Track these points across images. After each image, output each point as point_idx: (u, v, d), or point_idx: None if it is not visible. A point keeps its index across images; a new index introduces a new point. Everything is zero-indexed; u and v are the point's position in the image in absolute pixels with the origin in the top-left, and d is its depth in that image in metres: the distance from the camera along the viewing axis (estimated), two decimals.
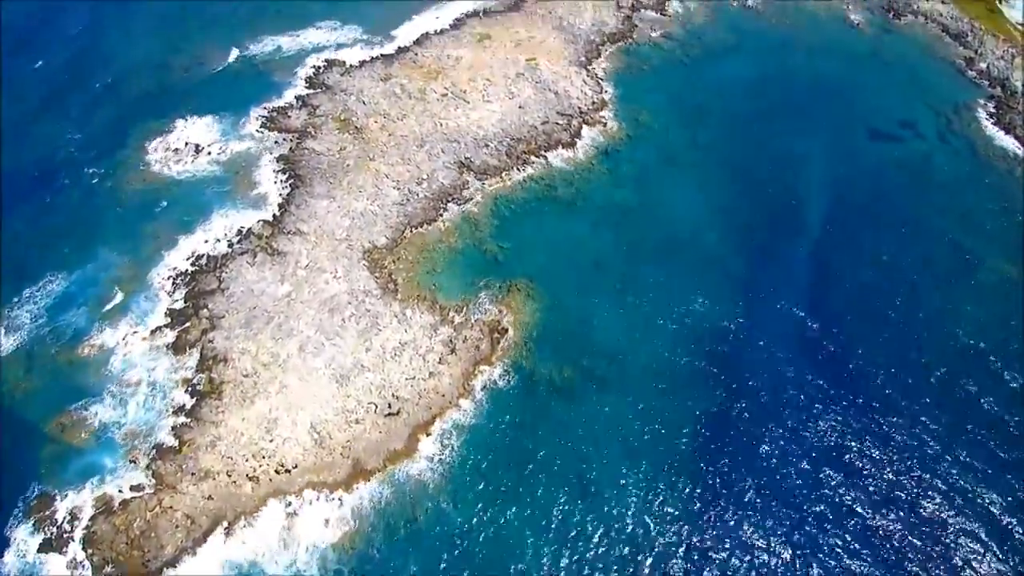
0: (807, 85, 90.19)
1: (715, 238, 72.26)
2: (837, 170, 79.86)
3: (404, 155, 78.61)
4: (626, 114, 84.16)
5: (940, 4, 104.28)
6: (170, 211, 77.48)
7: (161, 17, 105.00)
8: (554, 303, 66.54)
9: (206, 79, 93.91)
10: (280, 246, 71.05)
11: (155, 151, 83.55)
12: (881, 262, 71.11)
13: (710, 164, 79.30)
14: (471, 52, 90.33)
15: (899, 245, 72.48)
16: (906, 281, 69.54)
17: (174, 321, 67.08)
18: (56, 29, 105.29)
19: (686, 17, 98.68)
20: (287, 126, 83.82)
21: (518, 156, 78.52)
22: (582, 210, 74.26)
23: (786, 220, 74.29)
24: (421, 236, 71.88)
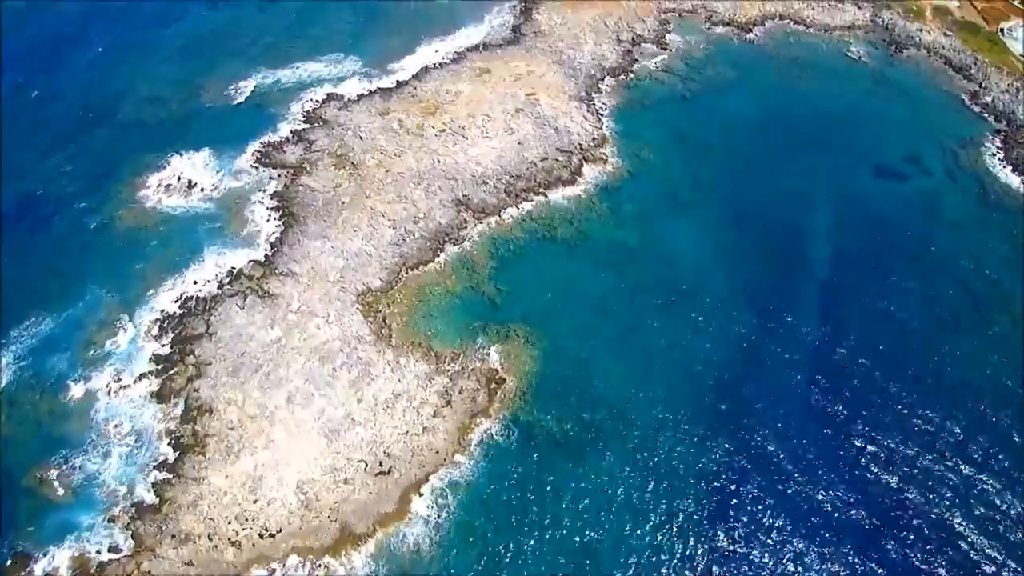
0: (810, 120, 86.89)
1: (720, 282, 68.47)
2: (842, 209, 76.26)
3: (401, 192, 75.11)
4: (627, 150, 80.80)
5: (942, 36, 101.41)
6: (160, 249, 73.89)
7: (159, 48, 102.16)
8: (554, 350, 62.64)
9: (203, 111, 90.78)
10: (271, 288, 67.28)
11: (148, 186, 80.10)
12: (889, 309, 67.16)
13: (713, 203, 75.76)
14: (470, 87, 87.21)
15: (908, 291, 68.56)
16: (916, 330, 65.52)
17: (159, 367, 63.18)
18: (53, 59, 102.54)
19: (686, 51, 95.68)
20: (282, 162, 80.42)
21: (517, 194, 75.01)
22: (583, 251, 70.59)
23: (792, 263, 70.52)
24: (417, 278, 68.13)
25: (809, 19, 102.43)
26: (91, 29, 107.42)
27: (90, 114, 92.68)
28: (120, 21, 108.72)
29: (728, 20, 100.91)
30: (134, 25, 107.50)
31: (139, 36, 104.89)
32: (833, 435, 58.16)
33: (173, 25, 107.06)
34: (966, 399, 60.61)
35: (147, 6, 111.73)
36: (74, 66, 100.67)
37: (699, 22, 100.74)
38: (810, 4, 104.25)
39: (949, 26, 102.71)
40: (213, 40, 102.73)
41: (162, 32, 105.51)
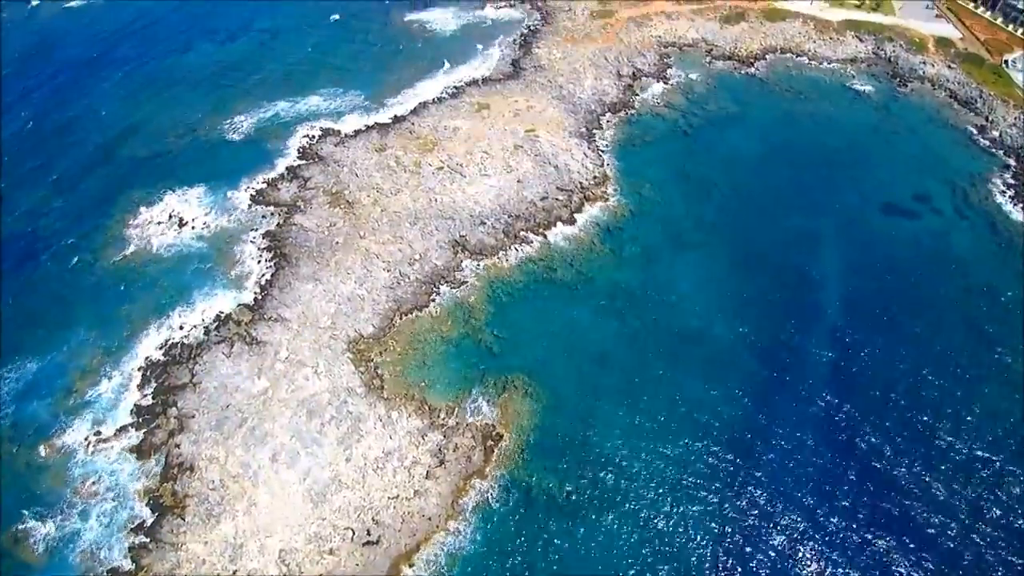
0: (815, 156, 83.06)
1: (726, 328, 64.10)
2: (851, 250, 72.00)
3: (396, 232, 71.18)
4: (629, 188, 76.95)
5: (946, 69, 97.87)
6: (147, 291, 69.88)
7: (160, 82, 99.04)
8: (554, 403, 58.13)
9: (199, 146, 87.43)
10: (259, 334, 63.09)
11: (139, 224, 76.43)
12: (902, 356, 62.40)
13: (717, 244, 71.62)
14: (469, 122, 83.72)
15: (920, 339, 63.82)
16: (929, 379, 60.75)
17: (141, 420, 58.78)
18: (52, 92, 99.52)
19: (688, 85, 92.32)
20: (276, 199, 76.72)
21: (516, 235, 71.01)
22: (583, 295, 66.38)
23: (800, 308, 66.09)
24: (411, 324, 63.92)
25: (811, 52, 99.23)
26: (93, 63, 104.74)
27: (86, 148, 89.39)
28: (123, 55, 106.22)
29: (729, 54, 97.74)
30: (136, 59, 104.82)
31: (140, 70, 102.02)
32: (845, 495, 53.32)
33: (175, 59, 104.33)
34: (983, 454, 55.78)
35: (151, 40, 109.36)
36: (72, 100, 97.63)
37: (700, 56, 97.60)
38: (811, 37, 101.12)
39: (952, 58, 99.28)
40: (214, 75, 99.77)
41: (163, 66, 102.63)
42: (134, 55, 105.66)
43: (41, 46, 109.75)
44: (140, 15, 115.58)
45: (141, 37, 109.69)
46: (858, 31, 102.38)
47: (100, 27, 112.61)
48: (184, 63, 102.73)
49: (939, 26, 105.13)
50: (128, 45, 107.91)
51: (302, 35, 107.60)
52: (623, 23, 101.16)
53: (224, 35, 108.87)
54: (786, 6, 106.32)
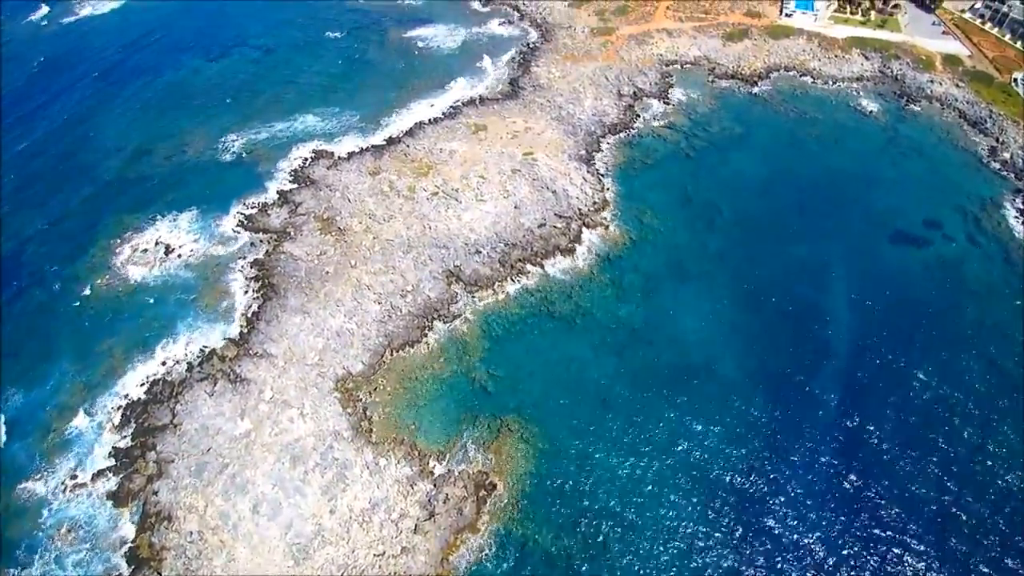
0: (822, 180, 79.00)
1: (730, 366, 60.03)
2: (860, 280, 67.79)
3: (388, 262, 67.36)
4: (629, 215, 72.96)
5: (954, 88, 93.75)
6: (131, 323, 66.09)
7: (151, 100, 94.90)
8: (551, 448, 54.14)
9: (190, 167, 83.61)
10: (244, 372, 59.27)
11: (124, 251, 72.58)
12: (915, 399, 58.15)
13: (721, 274, 67.56)
14: (465, 145, 79.88)
15: (933, 378, 59.53)
16: (945, 425, 56.54)
17: (119, 464, 54.90)
18: (42, 110, 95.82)
19: (690, 105, 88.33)
20: (266, 226, 72.94)
21: (512, 265, 67.07)
22: (582, 329, 62.41)
23: (808, 345, 61.96)
24: (403, 360, 60.02)
25: (815, 71, 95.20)
26: (85, 83, 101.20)
27: (75, 169, 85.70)
28: (115, 74, 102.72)
29: (732, 72, 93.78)
30: (128, 78, 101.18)
31: (132, 89, 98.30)
32: (854, 547, 49.20)
33: (167, 76, 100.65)
34: (997, 496, 51.69)
35: (144, 59, 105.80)
36: (63, 118, 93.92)
37: (702, 75, 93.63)
38: (816, 55, 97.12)
39: (960, 76, 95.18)
40: (206, 92, 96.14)
41: (155, 83, 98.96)
42: (127, 74, 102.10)
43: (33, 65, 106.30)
44: (134, 32, 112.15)
45: (134, 55, 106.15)
46: (864, 48, 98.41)
47: (92, 45, 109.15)
48: (177, 82, 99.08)
49: (946, 43, 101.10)
50: (121, 64, 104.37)
51: (299, 52, 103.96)
52: (624, 40, 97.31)
53: (219, 52, 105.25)
54: (790, 23, 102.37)
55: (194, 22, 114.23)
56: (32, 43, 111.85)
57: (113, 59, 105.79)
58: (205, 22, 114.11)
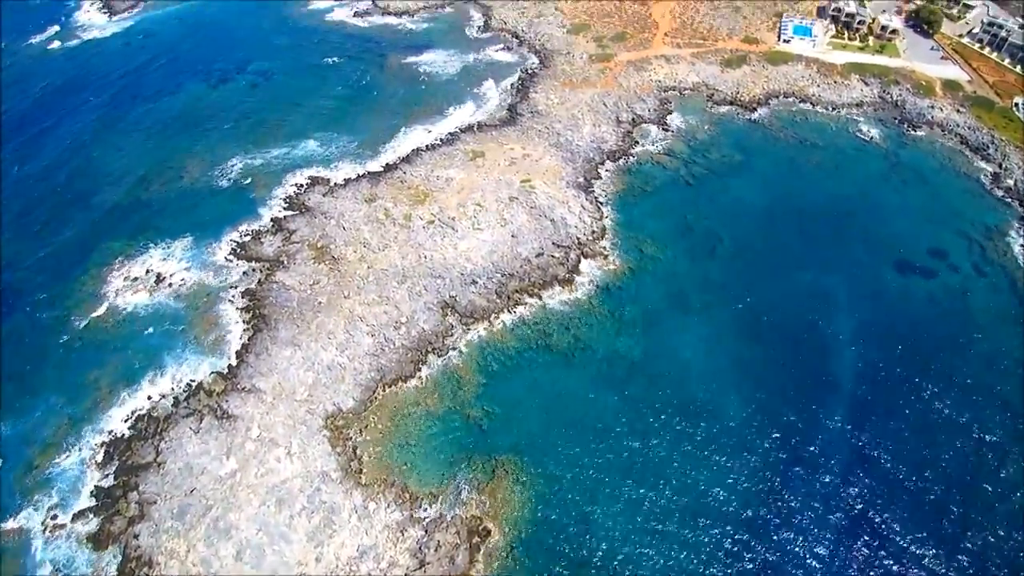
0: (823, 208, 77.05)
1: (734, 404, 57.54)
2: (865, 313, 65.52)
3: (383, 292, 65.25)
4: (628, 244, 70.94)
5: (955, 113, 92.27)
6: (119, 354, 63.80)
7: (149, 125, 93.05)
8: (548, 491, 51.48)
9: (185, 193, 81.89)
10: (231, 407, 56.87)
11: (115, 280, 70.52)
12: (924, 439, 55.52)
13: (723, 306, 65.31)
14: (462, 172, 78.22)
15: (943, 418, 57.04)
16: (953, 454, 54.08)
17: (100, 504, 52.25)
18: (39, 133, 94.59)
19: (688, 132, 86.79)
20: (259, 254, 70.99)
21: (509, 295, 64.91)
22: (581, 364, 60.04)
23: (813, 382, 59.48)
24: (395, 396, 57.60)
25: (815, 96, 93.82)
26: (84, 106, 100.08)
27: (69, 194, 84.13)
28: (113, 97, 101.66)
29: (731, 99, 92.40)
30: (127, 101, 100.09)
31: (131, 113, 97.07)
32: None
33: (166, 101, 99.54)
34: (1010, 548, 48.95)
35: (143, 82, 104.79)
36: (61, 143, 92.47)
37: (701, 101, 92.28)
38: (815, 81, 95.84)
39: (961, 102, 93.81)
40: (204, 117, 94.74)
41: (154, 109, 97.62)
42: (127, 99, 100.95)
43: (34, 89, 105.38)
44: (135, 57, 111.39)
45: (134, 81, 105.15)
46: (863, 74, 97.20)
47: (93, 70, 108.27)
48: (176, 106, 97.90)
49: (946, 68, 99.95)
50: (122, 89, 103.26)
51: (298, 78, 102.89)
52: (622, 67, 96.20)
53: (219, 77, 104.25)
54: (788, 49, 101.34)
55: (195, 47, 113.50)
56: (33, 67, 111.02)
57: (113, 84, 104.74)
58: (206, 47, 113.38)
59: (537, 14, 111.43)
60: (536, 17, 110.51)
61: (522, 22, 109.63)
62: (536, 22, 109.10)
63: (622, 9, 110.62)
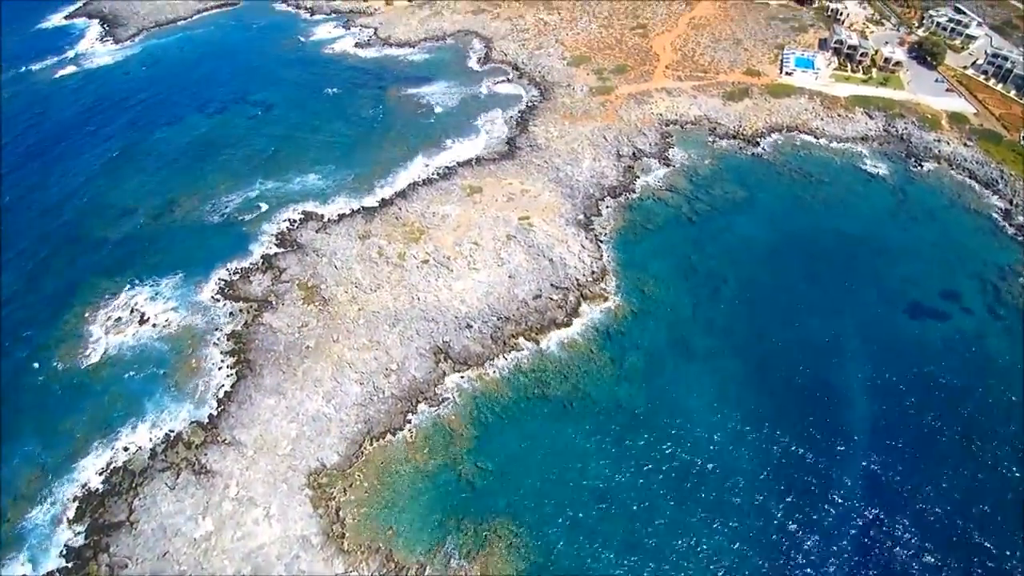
0: (830, 247, 73.47)
1: (744, 458, 53.40)
2: (877, 360, 61.49)
3: (373, 336, 61.67)
4: (629, 285, 67.37)
5: (962, 147, 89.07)
6: (98, 399, 60.05)
7: (143, 156, 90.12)
8: (544, 560, 47.10)
9: (175, 228, 78.72)
10: (210, 462, 52.98)
11: (99, 318, 67.09)
12: (943, 501, 51.13)
13: (729, 353, 61.45)
14: (459, 208, 75.09)
15: (958, 462, 52.96)
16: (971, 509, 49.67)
17: (70, 565, 48.06)
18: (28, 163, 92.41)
19: (691, 166, 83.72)
20: (247, 294, 67.65)
21: (505, 341, 61.22)
22: (580, 416, 56.09)
23: (824, 436, 55.29)
24: (382, 451, 53.65)
25: (819, 130, 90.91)
26: (80, 135, 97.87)
27: (60, 229, 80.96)
28: (110, 127, 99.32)
29: (734, 132, 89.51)
30: (123, 131, 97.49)
31: (125, 144, 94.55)
32: None
33: (163, 132, 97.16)
34: None
35: (140, 111, 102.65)
36: (53, 175, 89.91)
37: (703, 134, 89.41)
38: (819, 114, 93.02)
39: (968, 135, 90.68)
40: (201, 150, 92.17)
41: (149, 140, 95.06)
42: (123, 129, 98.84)
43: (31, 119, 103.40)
44: (135, 85, 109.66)
45: (132, 110, 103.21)
46: (867, 107, 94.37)
47: (92, 99, 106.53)
48: (173, 138, 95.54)
49: (951, 101, 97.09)
50: (118, 119, 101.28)
51: (296, 109, 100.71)
52: (623, 100, 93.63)
53: (217, 108, 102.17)
54: (790, 82, 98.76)
55: (196, 76, 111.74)
56: (33, 97, 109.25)
57: (112, 116, 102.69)
58: (207, 76, 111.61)
59: (538, 46, 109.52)
60: (537, 49, 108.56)
61: (523, 54, 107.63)
62: (536, 54, 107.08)
63: (623, 41, 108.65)
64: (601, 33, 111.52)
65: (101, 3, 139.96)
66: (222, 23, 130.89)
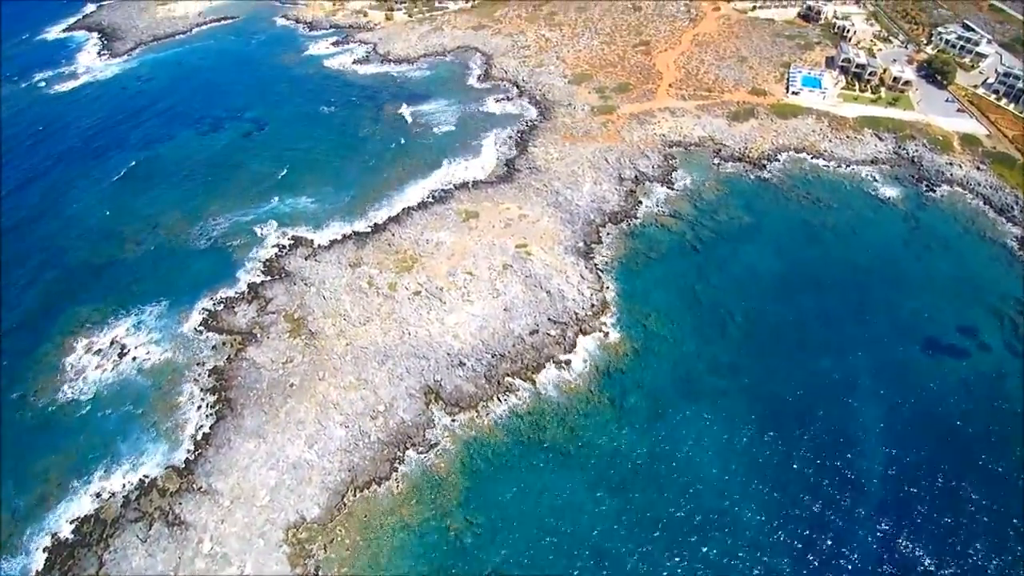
0: (840, 277, 69.30)
1: (753, 512, 49.22)
2: (892, 402, 57.25)
3: (361, 374, 57.79)
4: (631, 319, 63.36)
5: (975, 171, 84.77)
6: (73, 439, 56.07)
7: (133, 176, 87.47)
8: None
9: (161, 253, 74.57)
10: (184, 512, 49.10)
11: (77, 350, 63.40)
12: (968, 550, 47.19)
13: (736, 393, 57.34)
14: (454, 235, 71.25)
15: (978, 513, 48.75)
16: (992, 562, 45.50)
17: None
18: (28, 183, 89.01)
19: (695, 191, 79.69)
20: (231, 326, 63.92)
21: (499, 380, 57.24)
22: (578, 464, 52.02)
23: (837, 485, 51.11)
24: (367, 502, 49.65)
25: (827, 152, 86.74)
26: (70, 152, 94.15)
27: (44, 252, 77.15)
28: (101, 144, 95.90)
29: (739, 155, 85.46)
30: (113, 149, 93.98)
31: (116, 163, 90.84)
32: None
33: (154, 150, 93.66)
34: None
35: (132, 129, 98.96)
36: (42, 193, 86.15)
37: (707, 157, 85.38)
38: (827, 136, 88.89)
39: (981, 158, 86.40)
40: (191, 169, 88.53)
41: (139, 157, 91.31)
42: (113, 146, 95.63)
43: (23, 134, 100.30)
44: (128, 101, 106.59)
45: (123, 127, 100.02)
46: (876, 128, 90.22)
47: (85, 114, 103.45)
48: (163, 156, 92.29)
49: (962, 121, 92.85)
50: (109, 135, 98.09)
51: (292, 127, 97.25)
52: (625, 120, 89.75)
53: (210, 125, 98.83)
54: (797, 101, 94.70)
55: (191, 92, 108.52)
56: (29, 112, 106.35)
57: (103, 132, 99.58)
58: (202, 93, 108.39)
59: (539, 63, 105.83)
60: (538, 66, 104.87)
61: (523, 71, 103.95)
62: (537, 71, 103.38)
63: (625, 58, 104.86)
64: (603, 50, 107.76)
65: (101, 16, 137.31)
66: (221, 37, 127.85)
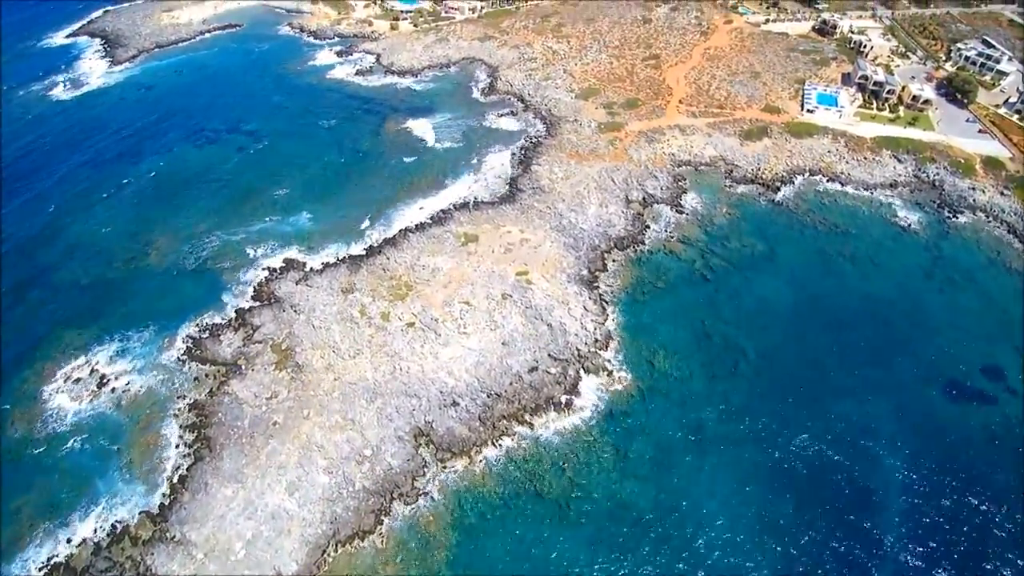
0: (860, 312, 64.39)
1: (765, 574, 44.78)
2: (914, 453, 52.41)
3: (348, 413, 53.54)
4: (636, 356, 58.78)
5: (999, 196, 79.47)
6: (46, 478, 52.09)
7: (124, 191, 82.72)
8: None
9: (148, 274, 70.37)
10: (155, 565, 44.97)
11: (56, 378, 59.47)
12: None
13: (747, 441, 52.69)
14: (452, 260, 66.91)
15: None
16: None
17: None
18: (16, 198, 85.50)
19: (706, 215, 74.93)
20: (215, 355, 59.81)
21: (495, 423, 52.83)
22: (577, 519, 47.52)
23: (856, 544, 46.50)
24: (349, 558, 45.43)
25: (844, 175, 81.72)
26: (63, 165, 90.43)
27: (29, 272, 72.97)
28: (98, 156, 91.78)
29: (752, 176, 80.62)
30: (108, 162, 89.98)
31: (109, 177, 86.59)
32: None
33: (149, 164, 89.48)
34: None
35: (129, 142, 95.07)
36: (30, 209, 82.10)
37: (718, 178, 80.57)
38: (843, 157, 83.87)
39: (1005, 183, 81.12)
40: (184, 185, 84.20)
41: (133, 172, 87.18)
42: (108, 160, 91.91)
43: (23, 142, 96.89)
44: (127, 112, 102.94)
45: (123, 137, 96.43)
46: (895, 149, 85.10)
47: (82, 125, 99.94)
48: (157, 172, 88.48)
49: (984, 143, 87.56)
50: (105, 148, 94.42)
51: (290, 141, 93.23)
52: (633, 138, 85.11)
53: (208, 138, 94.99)
54: (812, 120, 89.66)
55: (191, 103, 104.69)
56: (26, 121, 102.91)
57: (101, 143, 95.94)
58: (202, 103, 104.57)
59: (545, 76, 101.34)
60: (544, 80, 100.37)
61: (529, 85, 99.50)
62: (543, 85, 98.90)
63: (634, 73, 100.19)
64: (612, 64, 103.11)
65: (104, 22, 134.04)
66: (223, 46, 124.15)
